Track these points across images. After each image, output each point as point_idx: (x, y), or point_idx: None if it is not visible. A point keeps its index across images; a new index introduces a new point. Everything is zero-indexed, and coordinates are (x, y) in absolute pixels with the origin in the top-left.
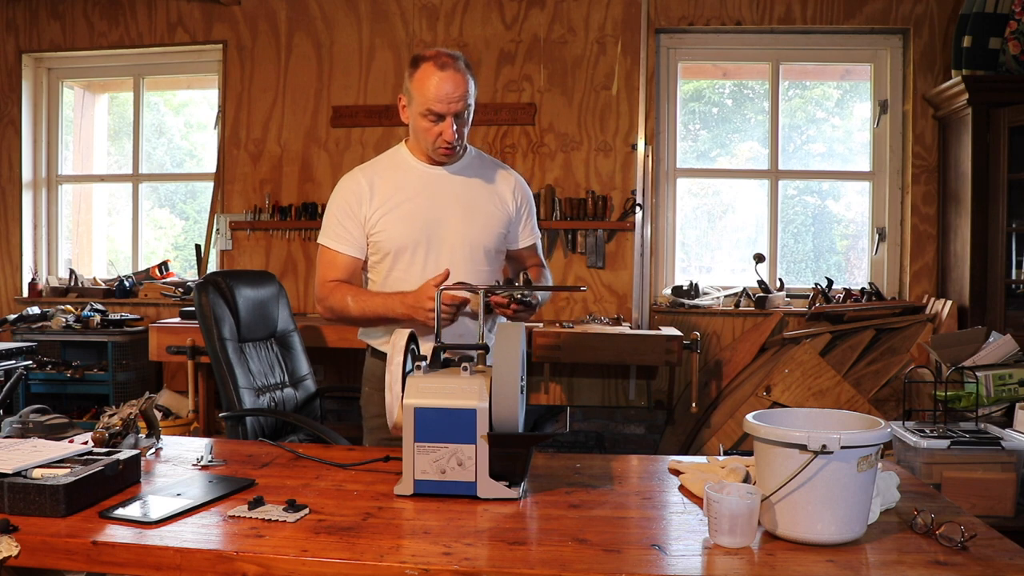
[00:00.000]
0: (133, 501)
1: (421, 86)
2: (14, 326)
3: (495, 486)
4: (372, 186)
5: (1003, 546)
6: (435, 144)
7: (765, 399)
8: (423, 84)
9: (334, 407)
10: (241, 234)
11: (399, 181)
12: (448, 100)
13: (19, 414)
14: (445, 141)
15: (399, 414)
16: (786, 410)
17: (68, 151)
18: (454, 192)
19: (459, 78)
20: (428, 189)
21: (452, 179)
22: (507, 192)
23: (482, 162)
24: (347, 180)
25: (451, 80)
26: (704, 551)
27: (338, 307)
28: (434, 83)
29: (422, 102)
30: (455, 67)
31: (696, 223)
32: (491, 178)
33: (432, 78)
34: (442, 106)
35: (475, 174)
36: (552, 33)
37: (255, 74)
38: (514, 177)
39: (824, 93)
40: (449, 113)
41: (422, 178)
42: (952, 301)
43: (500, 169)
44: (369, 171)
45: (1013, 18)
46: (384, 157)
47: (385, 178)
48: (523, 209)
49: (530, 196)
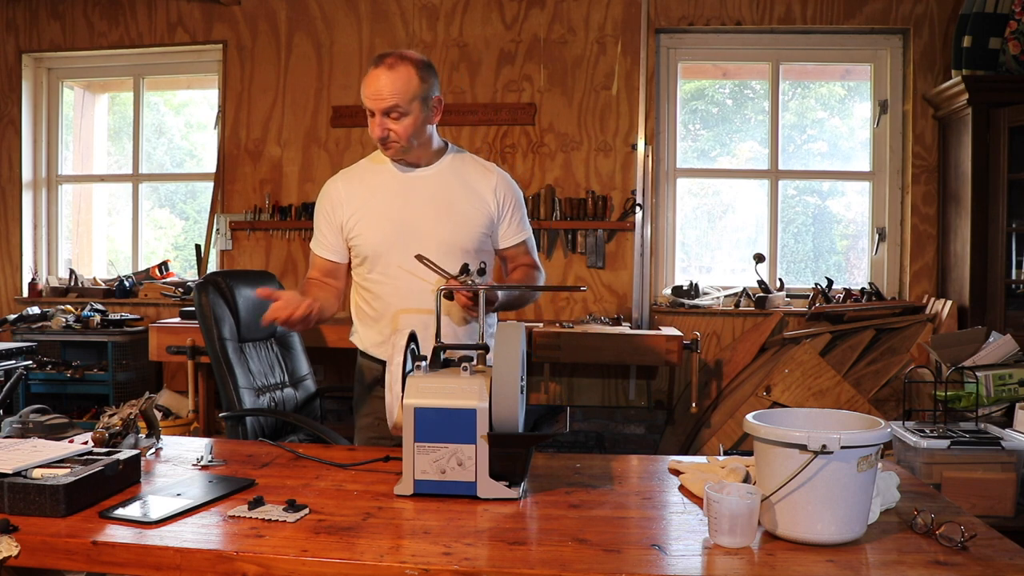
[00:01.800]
0: (133, 501)
1: (363, 83)
2: (14, 326)
3: (495, 486)
4: (348, 190)
5: (1003, 546)
6: (376, 140)
7: (765, 399)
8: (364, 81)
9: (334, 407)
10: (241, 234)
11: (374, 184)
12: (375, 97)
13: (19, 414)
14: (373, 136)
15: (399, 414)
16: (786, 410)
17: (68, 151)
18: (428, 192)
19: (390, 75)
20: (402, 191)
21: (426, 179)
22: (487, 190)
23: (462, 161)
24: (326, 186)
25: (382, 76)
26: (704, 551)
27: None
28: (368, 79)
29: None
30: (390, 67)
31: (696, 223)
32: (469, 177)
33: (369, 74)
34: (370, 102)
35: (452, 174)
36: (552, 33)
37: (255, 74)
38: (496, 174)
39: (824, 93)
40: (377, 110)
41: (396, 180)
42: (952, 301)
43: (481, 167)
44: (346, 176)
45: (1013, 18)
46: (364, 162)
47: (361, 182)
48: (506, 207)
49: (516, 193)
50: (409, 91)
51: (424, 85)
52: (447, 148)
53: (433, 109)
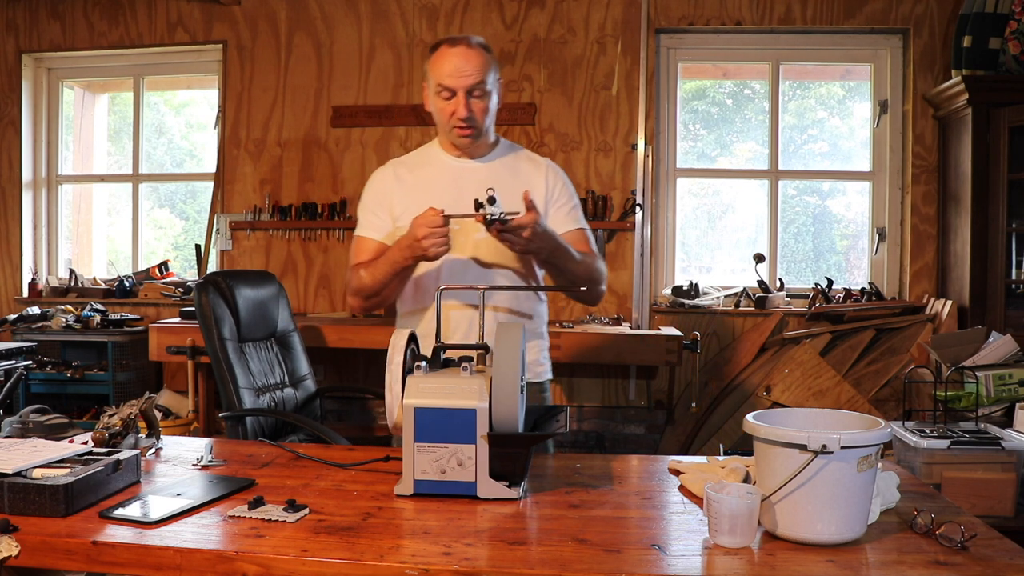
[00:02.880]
0: (133, 501)
1: (434, 65)
2: (14, 326)
3: (495, 486)
4: (399, 180)
5: (1003, 546)
6: (450, 124)
7: (765, 399)
8: (436, 62)
9: (334, 407)
10: (241, 234)
11: (426, 176)
12: (459, 74)
13: (19, 414)
14: (458, 118)
15: (399, 414)
16: (786, 410)
17: (68, 151)
18: (479, 183)
19: (471, 53)
20: (455, 182)
21: (478, 170)
22: (538, 179)
23: (514, 155)
24: (376, 175)
25: (462, 55)
26: (704, 551)
27: (356, 285)
28: (445, 59)
29: (435, 79)
30: (467, 43)
31: (696, 223)
32: (520, 168)
33: (443, 54)
34: (452, 80)
35: (504, 165)
36: (552, 33)
37: (255, 74)
38: (546, 164)
39: (824, 93)
40: (460, 87)
41: (449, 171)
42: (952, 301)
43: (532, 160)
44: (398, 166)
45: (1013, 18)
46: (416, 153)
47: (413, 173)
48: (555, 193)
49: (567, 182)
50: (487, 69)
51: (495, 65)
52: (499, 141)
53: (499, 93)
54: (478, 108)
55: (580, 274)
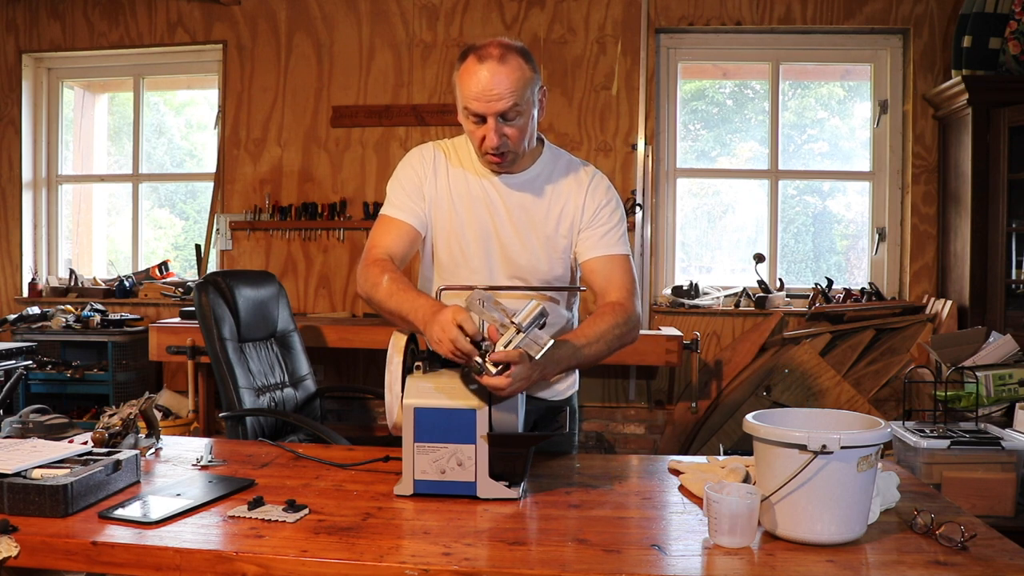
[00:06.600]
0: (133, 501)
1: (462, 81)
2: (14, 326)
3: (495, 486)
4: (436, 171)
5: (1003, 546)
6: (481, 149)
7: (765, 399)
8: (463, 79)
9: (334, 407)
10: (241, 234)
11: (459, 180)
12: (487, 97)
13: (19, 414)
14: (488, 147)
15: (399, 414)
16: (786, 410)
17: (68, 151)
18: (507, 208)
19: (502, 71)
20: (483, 199)
21: (510, 193)
22: (573, 202)
23: (554, 167)
24: (416, 153)
25: (491, 73)
26: (704, 551)
27: (370, 291)
28: (472, 77)
29: (462, 100)
30: (499, 59)
31: (696, 223)
32: (558, 189)
33: (470, 71)
34: (480, 105)
35: (541, 185)
36: (552, 33)
37: (255, 74)
38: (588, 182)
39: (824, 93)
40: (489, 113)
41: (478, 186)
42: (952, 301)
43: (573, 173)
44: (439, 154)
45: (1013, 18)
46: (459, 143)
47: (449, 172)
48: (589, 218)
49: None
50: (524, 85)
51: (534, 75)
52: (543, 149)
53: (540, 104)
54: (512, 133)
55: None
